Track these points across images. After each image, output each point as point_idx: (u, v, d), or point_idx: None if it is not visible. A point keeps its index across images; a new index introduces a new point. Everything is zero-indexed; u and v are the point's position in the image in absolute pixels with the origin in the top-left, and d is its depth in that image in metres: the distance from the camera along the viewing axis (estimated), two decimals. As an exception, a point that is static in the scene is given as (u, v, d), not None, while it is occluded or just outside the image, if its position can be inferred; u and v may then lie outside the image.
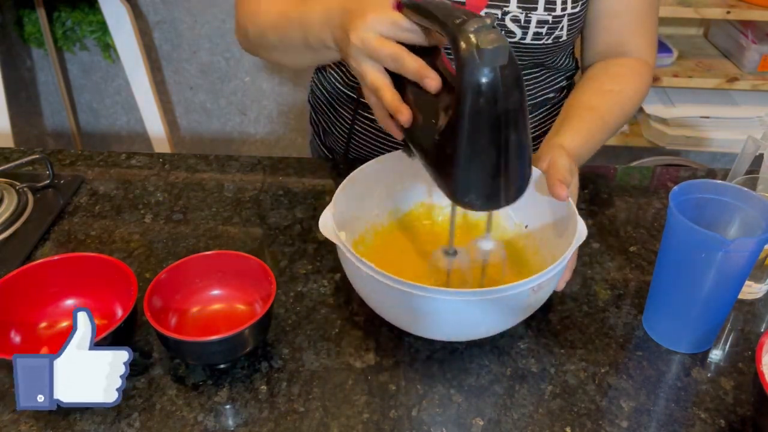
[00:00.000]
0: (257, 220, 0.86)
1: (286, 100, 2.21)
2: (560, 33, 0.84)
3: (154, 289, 0.64)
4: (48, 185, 0.90)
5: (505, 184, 0.56)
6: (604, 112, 0.84)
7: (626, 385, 0.65)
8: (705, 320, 0.66)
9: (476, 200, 0.57)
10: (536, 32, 0.82)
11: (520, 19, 0.81)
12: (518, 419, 0.61)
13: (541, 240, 0.74)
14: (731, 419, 0.61)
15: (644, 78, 0.90)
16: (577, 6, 0.83)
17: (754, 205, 0.64)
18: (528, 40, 0.83)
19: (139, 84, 1.95)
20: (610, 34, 0.91)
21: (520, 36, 0.82)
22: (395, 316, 0.65)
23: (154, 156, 0.99)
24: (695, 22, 1.99)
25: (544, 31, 0.82)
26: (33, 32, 2.02)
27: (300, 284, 0.75)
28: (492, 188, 0.56)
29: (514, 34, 0.82)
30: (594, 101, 0.85)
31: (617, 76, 0.89)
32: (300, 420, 0.61)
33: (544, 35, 0.83)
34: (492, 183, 0.56)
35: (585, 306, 0.73)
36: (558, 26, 0.83)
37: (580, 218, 0.66)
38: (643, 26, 0.91)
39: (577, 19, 0.85)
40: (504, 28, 0.81)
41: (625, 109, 0.87)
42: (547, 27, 0.82)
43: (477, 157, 0.55)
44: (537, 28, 0.82)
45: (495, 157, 0.54)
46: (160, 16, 2.05)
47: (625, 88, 0.88)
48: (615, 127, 0.85)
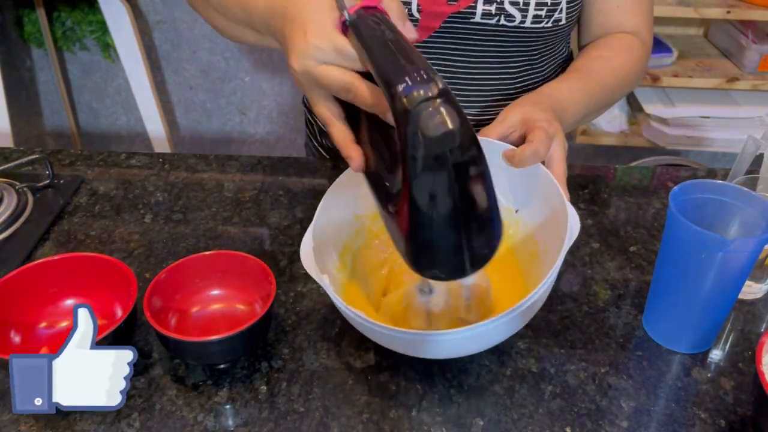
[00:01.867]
0: (257, 220, 0.86)
1: (286, 100, 2.21)
2: (559, 16, 0.83)
3: (154, 289, 0.64)
4: (48, 185, 0.90)
5: (470, 257, 0.52)
6: (589, 71, 0.83)
7: (626, 385, 0.65)
8: (705, 320, 0.66)
9: (439, 274, 0.54)
10: (536, 15, 0.82)
11: (519, 1, 0.81)
12: (518, 419, 0.61)
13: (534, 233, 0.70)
14: (731, 419, 0.61)
15: (636, 52, 0.89)
16: None
17: (754, 205, 0.64)
18: (528, 24, 0.82)
19: (139, 84, 1.95)
20: (604, 16, 0.90)
21: (520, 19, 0.82)
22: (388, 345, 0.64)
23: (154, 156, 0.99)
24: (695, 22, 1.99)
25: (544, 13, 0.82)
26: (33, 32, 2.02)
27: (300, 284, 0.75)
28: (455, 262, 0.52)
29: (513, 18, 0.81)
30: (579, 63, 0.85)
31: (606, 44, 0.89)
32: (300, 420, 0.61)
33: (544, 17, 0.82)
34: (454, 258, 0.52)
35: (585, 306, 0.73)
36: (557, 8, 0.82)
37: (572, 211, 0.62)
38: (639, 5, 0.90)
39: (575, 2, 0.85)
40: (503, 12, 0.81)
41: (615, 73, 0.85)
42: (546, 9, 0.81)
43: (433, 236, 0.50)
44: (536, 10, 0.81)
45: (454, 235, 0.50)
46: (160, 16, 2.05)
47: (615, 55, 0.87)
48: (604, 88, 0.83)
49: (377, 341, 0.63)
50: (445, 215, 0.49)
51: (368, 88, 0.52)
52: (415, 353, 0.62)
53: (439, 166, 0.46)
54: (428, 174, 0.47)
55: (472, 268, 0.53)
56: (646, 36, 0.92)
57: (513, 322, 0.59)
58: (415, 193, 0.48)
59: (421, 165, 0.46)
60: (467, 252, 0.51)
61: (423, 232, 0.50)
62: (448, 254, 0.52)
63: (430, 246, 0.51)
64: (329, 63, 0.53)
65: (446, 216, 0.49)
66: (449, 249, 0.51)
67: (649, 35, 0.93)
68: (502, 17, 0.81)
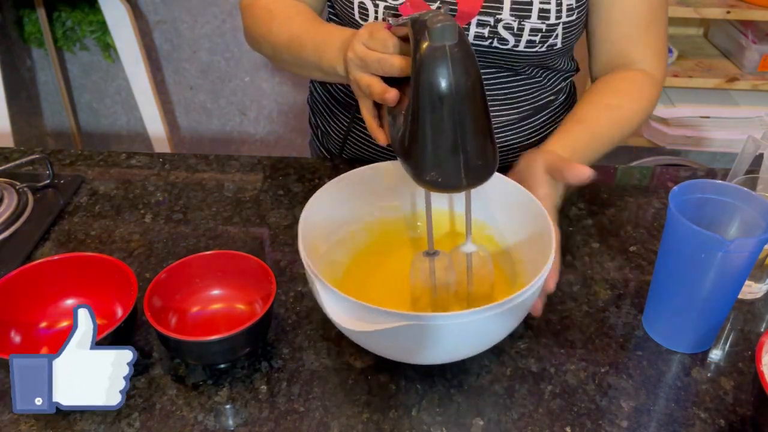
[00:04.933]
0: (257, 220, 0.86)
1: (286, 100, 2.21)
2: (554, 41, 0.83)
3: (154, 289, 0.64)
4: (48, 185, 0.90)
5: (465, 162, 0.57)
6: (595, 126, 0.82)
7: (626, 385, 0.65)
8: (705, 320, 0.66)
9: (437, 177, 0.58)
10: (529, 40, 0.81)
11: (513, 26, 0.80)
12: (518, 419, 0.61)
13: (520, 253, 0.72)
14: (731, 419, 0.61)
15: (647, 93, 0.87)
16: (573, 14, 0.82)
17: (754, 205, 0.64)
18: (521, 48, 0.82)
19: (139, 84, 1.95)
20: (610, 44, 0.88)
21: (513, 43, 0.81)
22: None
23: (154, 156, 0.99)
24: (695, 22, 1.99)
25: (538, 39, 0.81)
26: (33, 32, 2.02)
27: (300, 284, 0.75)
28: (452, 165, 0.57)
29: (506, 42, 0.81)
30: (588, 115, 0.83)
31: (618, 91, 0.86)
32: (300, 420, 0.61)
33: (538, 43, 0.82)
34: (452, 160, 0.57)
35: (585, 306, 0.73)
36: (552, 34, 0.82)
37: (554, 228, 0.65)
38: (646, 35, 0.87)
39: (572, 28, 0.83)
40: (497, 36, 0.81)
41: (622, 125, 0.84)
42: (540, 35, 0.81)
43: (433, 131, 0.56)
44: (530, 36, 0.81)
45: (451, 131, 0.56)
46: (160, 16, 2.05)
47: (625, 105, 0.85)
48: (608, 142, 0.83)
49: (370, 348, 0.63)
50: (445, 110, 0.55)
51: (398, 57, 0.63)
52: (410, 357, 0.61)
53: (440, 57, 0.54)
54: (430, 65, 0.54)
55: (467, 178, 0.58)
56: (656, 67, 0.88)
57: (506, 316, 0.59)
58: (419, 87, 0.55)
59: (425, 56, 0.55)
60: (463, 158, 0.57)
61: (425, 126, 0.56)
62: (446, 155, 0.57)
63: (430, 145, 0.57)
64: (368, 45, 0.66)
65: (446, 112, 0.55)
66: (447, 149, 0.56)
67: (660, 64, 0.89)
68: (495, 40, 0.81)
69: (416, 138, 0.57)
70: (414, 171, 0.59)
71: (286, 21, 0.83)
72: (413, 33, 0.58)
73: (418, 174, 0.58)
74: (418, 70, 0.55)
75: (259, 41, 0.88)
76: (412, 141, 0.58)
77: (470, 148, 0.57)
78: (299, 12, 0.84)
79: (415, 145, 0.58)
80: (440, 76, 0.55)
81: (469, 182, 0.58)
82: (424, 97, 0.55)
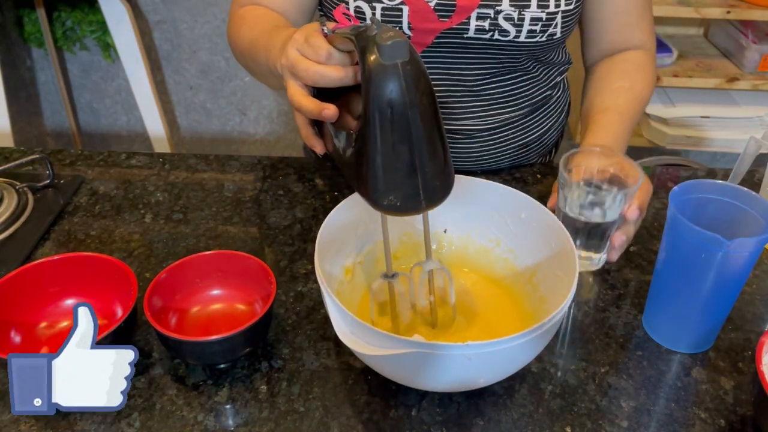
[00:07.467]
0: (257, 220, 0.86)
1: (286, 100, 2.19)
2: (554, 30, 0.84)
3: (154, 289, 0.64)
4: (48, 185, 0.90)
5: (423, 183, 0.55)
6: (622, 110, 0.86)
7: (626, 385, 0.65)
8: (705, 320, 0.66)
9: (395, 201, 0.56)
10: (530, 30, 0.82)
11: (514, 17, 0.81)
12: (518, 419, 0.61)
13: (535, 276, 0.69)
14: (731, 419, 0.61)
15: (649, 69, 0.93)
16: (572, 3, 0.84)
17: (754, 205, 0.64)
18: (522, 38, 0.83)
19: (139, 84, 1.95)
20: (614, 34, 0.93)
21: (514, 34, 0.82)
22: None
23: (154, 156, 0.99)
24: (695, 22, 1.99)
25: (538, 28, 0.82)
26: (33, 32, 2.02)
27: (300, 284, 0.75)
28: (410, 187, 0.55)
29: (508, 33, 0.82)
30: (608, 101, 0.87)
31: (625, 73, 0.91)
32: (300, 420, 0.61)
33: (538, 32, 0.83)
34: (409, 182, 0.55)
35: (585, 306, 0.73)
36: (552, 23, 0.83)
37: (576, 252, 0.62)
38: (643, 19, 0.93)
39: (571, 17, 0.85)
40: (497, 28, 0.81)
41: (640, 102, 0.90)
42: (540, 24, 0.82)
43: (388, 154, 0.54)
44: (531, 25, 0.82)
45: (407, 152, 0.54)
46: (160, 16, 2.05)
47: (636, 85, 0.90)
48: (635, 121, 0.88)
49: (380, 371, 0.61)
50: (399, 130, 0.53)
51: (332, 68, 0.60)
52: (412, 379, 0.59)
53: (392, 76, 0.51)
54: (383, 85, 0.52)
55: (426, 199, 0.56)
56: (650, 45, 0.95)
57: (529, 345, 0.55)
58: (371, 108, 0.52)
59: (375, 74, 0.52)
60: (420, 179, 0.55)
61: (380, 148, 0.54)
62: (402, 177, 0.55)
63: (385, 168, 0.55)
64: (301, 53, 0.63)
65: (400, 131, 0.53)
66: (403, 171, 0.54)
67: (653, 43, 0.96)
68: (496, 32, 0.82)
69: (370, 162, 0.54)
70: (370, 197, 0.56)
71: (252, 27, 0.83)
72: (359, 49, 0.54)
73: (375, 199, 0.56)
74: (369, 90, 0.52)
75: (232, 47, 0.89)
76: (365, 165, 0.55)
77: (428, 168, 0.55)
78: (269, 20, 0.84)
79: (370, 169, 0.55)
80: (395, 97, 0.52)
81: (428, 203, 0.57)
82: (376, 119, 0.53)
